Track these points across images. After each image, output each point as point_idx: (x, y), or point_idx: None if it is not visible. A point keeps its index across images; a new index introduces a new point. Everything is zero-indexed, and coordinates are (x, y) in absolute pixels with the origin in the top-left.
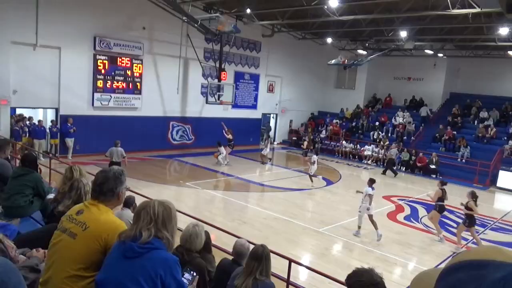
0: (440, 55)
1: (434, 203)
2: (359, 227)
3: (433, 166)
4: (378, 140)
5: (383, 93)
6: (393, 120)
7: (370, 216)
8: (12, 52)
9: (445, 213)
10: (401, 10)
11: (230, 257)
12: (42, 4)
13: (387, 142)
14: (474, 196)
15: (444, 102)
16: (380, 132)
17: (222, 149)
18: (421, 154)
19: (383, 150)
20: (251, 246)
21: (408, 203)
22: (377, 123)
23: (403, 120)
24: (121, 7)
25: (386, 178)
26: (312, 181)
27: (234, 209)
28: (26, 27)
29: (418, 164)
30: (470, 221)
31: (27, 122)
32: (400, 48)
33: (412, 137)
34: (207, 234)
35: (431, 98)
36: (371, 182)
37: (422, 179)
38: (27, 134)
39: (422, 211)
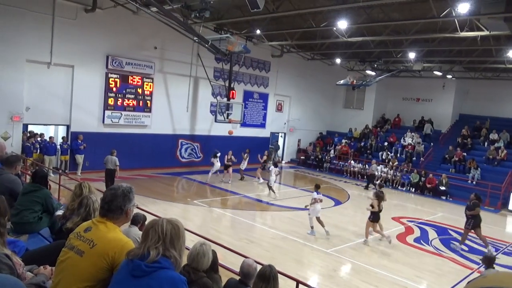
0: (449, 76)
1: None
2: (312, 227)
3: (443, 188)
4: (387, 161)
5: (391, 113)
6: (402, 140)
7: (317, 218)
8: (27, 70)
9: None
10: (409, 32)
11: (237, 277)
12: (57, 23)
13: (396, 163)
14: (378, 196)
15: (454, 123)
16: (389, 153)
17: (217, 164)
18: (430, 175)
19: (392, 171)
20: (259, 266)
21: (418, 225)
22: (385, 143)
23: (412, 140)
24: (134, 28)
25: (394, 199)
26: (273, 191)
27: (241, 228)
28: (41, 46)
29: (428, 186)
30: (373, 216)
31: (38, 139)
32: (408, 69)
33: (422, 158)
34: (214, 253)
35: (440, 119)
36: (317, 187)
37: (432, 201)
38: (38, 150)
39: (432, 233)
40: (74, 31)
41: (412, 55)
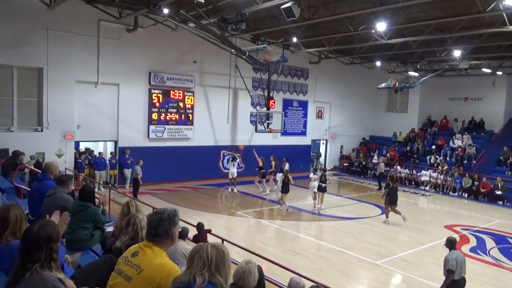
0: (499, 73)
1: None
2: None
3: (498, 192)
4: (435, 165)
5: (438, 115)
6: (451, 143)
7: (314, 193)
8: (77, 90)
9: None
10: (453, 29)
11: None
12: (103, 44)
13: (446, 167)
14: (287, 173)
15: (507, 122)
16: (437, 156)
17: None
18: (484, 179)
19: (442, 175)
20: (307, 284)
21: (473, 233)
22: (433, 147)
23: (462, 142)
24: (174, 44)
25: (446, 205)
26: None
27: (286, 239)
28: (88, 67)
29: (482, 190)
30: (284, 188)
31: (89, 156)
32: (454, 68)
33: (474, 161)
34: (260, 269)
35: (492, 119)
36: (315, 171)
37: (487, 207)
38: (89, 166)
39: (490, 242)
40: (118, 51)
41: (457, 53)
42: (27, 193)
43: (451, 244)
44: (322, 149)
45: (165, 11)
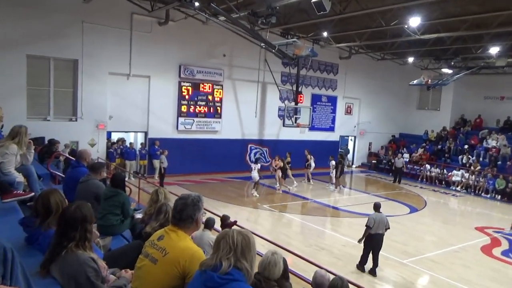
0: None
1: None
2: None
3: None
4: (468, 165)
5: (472, 114)
6: (484, 143)
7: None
8: (109, 82)
9: None
10: (491, 25)
11: (309, 286)
12: (135, 37)
13: (478, 167)
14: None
15: None
16: (470, 156)
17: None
18: None
19: (474, 176)
20: (332, 277)
21: (505, 235)
22: (466, 146)
23: (496, 143)
24: (204, 38)
25: (477, 206)
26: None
27: (311, 234)
28: (121, 59)
29: None
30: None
31: (120, 146)
32: (490, 65)
33: (508, 162)
34: (285, 261)
35: None
36: (332, 157)
37: None
38: (120, 156)
39: None
40: (150, 44)
41: (494, 50)
42: (61, 179)
43: (376, 207)
44: (350, 146)
45: (196, 4)
